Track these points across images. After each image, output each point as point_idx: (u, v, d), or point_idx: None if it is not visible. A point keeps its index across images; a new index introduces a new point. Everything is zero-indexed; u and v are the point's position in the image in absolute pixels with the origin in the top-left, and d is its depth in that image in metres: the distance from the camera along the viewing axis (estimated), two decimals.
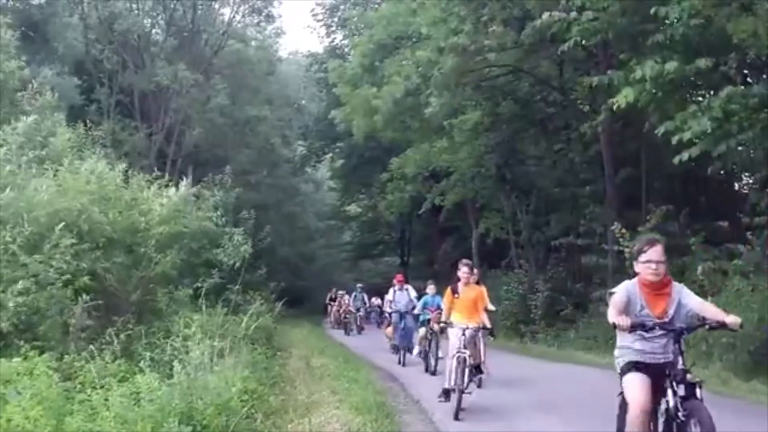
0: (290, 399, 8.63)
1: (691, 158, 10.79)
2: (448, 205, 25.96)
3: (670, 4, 10.46)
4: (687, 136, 10.26)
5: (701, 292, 12.37)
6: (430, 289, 12.60)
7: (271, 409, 7.63)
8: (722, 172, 16.08)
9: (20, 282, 8.20)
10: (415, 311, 13.03)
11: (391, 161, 27.44)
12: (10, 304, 7.94)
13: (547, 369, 12.62)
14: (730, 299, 11.48)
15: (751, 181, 17.47)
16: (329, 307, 29.63)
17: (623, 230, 14.74)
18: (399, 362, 13.98)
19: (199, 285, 11.55)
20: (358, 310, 24.97)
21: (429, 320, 12.00)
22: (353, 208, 44.87)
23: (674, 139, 10.46)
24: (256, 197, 29.98)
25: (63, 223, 9.21)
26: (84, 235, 9.77)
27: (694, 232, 15.07)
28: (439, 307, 11.37)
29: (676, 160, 10.85)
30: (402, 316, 14.40)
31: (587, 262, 18.28)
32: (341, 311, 26.60)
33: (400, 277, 15.55)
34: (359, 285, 26.49)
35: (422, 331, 12.43)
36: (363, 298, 25.21)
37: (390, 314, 15.97)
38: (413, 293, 14.59)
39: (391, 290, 15.35)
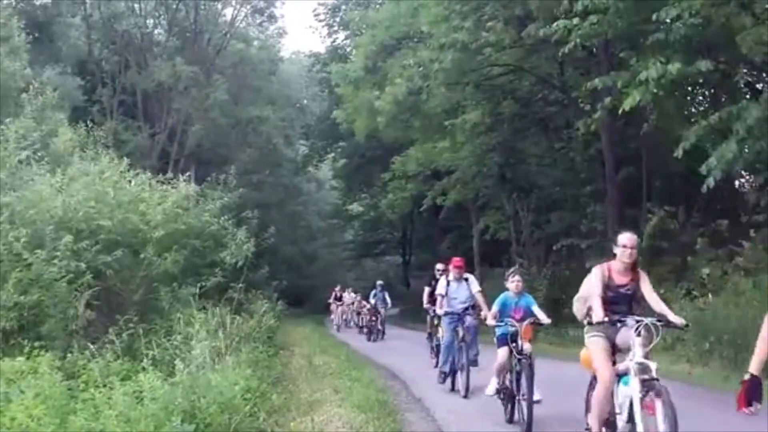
0: (293, 397, 8.65)
1: (716, 180, 10.48)
2: (449, 204, 26.03)
3: (670, 3, 10.47)
4: (714, 162, 10.19)
5: (704, 290, 12.55)
6: (513, 283, 7.38)
7: (274, 407, 7.65)
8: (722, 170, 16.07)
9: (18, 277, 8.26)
10: (488, 320, 7.45)
11: (392, 160, 27.45)
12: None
13: (547, 368, 12.59)
14: (731, 296, 11.49)
15: (751, 180, 17.50)
16: (334, 307, 27.24)
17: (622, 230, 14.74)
18: (452, 388, 9.61)
19: (203, 284, 11.40)
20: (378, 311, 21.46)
21: (515, 334, 7.11)
22: (355, 207, 45.00)
23: (703, 169, 10.33)
24: (259, 197, 30.04)
25: (64, 223, 9.26)
26: (86, 234, 9.81)
27: (693, 226, 15.08)
28: (528, 311, 7.28)
29: (704, 188, 10.68)
30: (460, 319, 9.54)
31: (588, 261, 18.29)
32: (368, 314, 22.62)
33: (458, 261, 9.94)
34: (379, 282, 22.82)
35: (502, 353, 7.23)
36: (384, 297, 21.48)
37: (432, 316, 11.94)
38: (476, 286, 9.65)
39: (441, 281, 10.20)
